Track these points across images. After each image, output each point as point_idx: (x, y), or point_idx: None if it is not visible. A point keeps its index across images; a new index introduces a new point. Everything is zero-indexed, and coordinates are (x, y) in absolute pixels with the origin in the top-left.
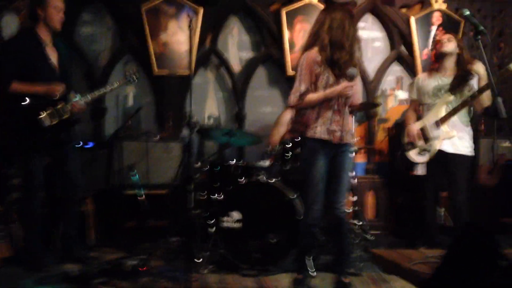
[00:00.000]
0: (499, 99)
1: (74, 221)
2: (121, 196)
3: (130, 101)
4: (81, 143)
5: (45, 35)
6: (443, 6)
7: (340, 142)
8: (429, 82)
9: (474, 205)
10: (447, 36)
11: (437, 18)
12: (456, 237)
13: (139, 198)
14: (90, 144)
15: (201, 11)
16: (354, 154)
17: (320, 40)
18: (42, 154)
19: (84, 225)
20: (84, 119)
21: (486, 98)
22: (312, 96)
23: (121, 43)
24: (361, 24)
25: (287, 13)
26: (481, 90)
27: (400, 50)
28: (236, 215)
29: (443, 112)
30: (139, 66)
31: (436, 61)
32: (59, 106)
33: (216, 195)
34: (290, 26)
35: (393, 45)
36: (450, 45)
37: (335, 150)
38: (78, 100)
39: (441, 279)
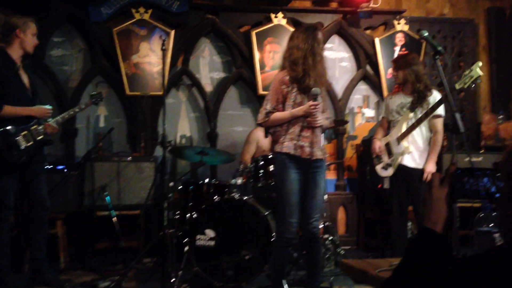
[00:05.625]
0: (457, 115)
1: (43, 244)
2: (92, 218)
3: (102, 122)
4: (51, 165)
5: (17, 58)
6: (405, 28)
7: (310, 158)
8: (394, 100)
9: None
10: (394, 66)
11: (400, 39)
12: (411, 241)
13: (113, 218)
14: (61, 166)
15: (172, 33)
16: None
17: (284, 62)
18: (14, 176)
19: (55, 247)
20: (55, 140)
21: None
22: (278, 115)
23: (92, 64)
24: (328, 45)
25: (257, 34)
26: (433, 108)
27: (366, 69)
28: (210, 233)
29: (403, 129)
30: (111, 87)
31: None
32: (32, 128)
33: (190, 214)
34: (260, 47)
35: (359, 65)
36: (400, 77)
37: (306, 166)
38: (50, 122)
39: (397, 280)
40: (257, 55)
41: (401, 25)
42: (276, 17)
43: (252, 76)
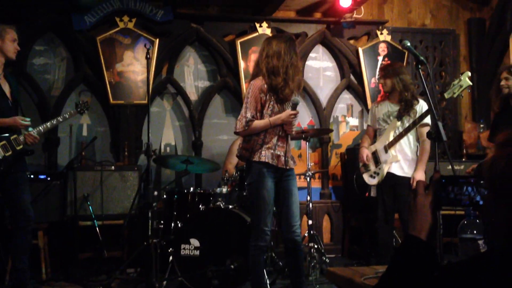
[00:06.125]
0: (440, 124)
1: (26, 254)
2: (75, 228)
3: (85, 131)
4: (32, 175)
5: None
6: (388, 38)
7: (285, 167)
8: (381, 108)
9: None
10: (382, 74)
11: (383, 49)
12: (397, 249)
13: (96, 228)
14: (43, 176)
15: (156, 41)
16: (309, 178)
17: (260, 69)
18: None
19: (36, 258)
20: (37, 149)
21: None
22: (258, 123)
23: (75, 73)
24: (312, 54)
25: (241, 44)
26: (421, 117)
27: (350, 79)
28: (194, 242)
29: (391, 137)
30: (94, 96)
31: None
32: (12, 138)
33: (174, 223)
34: (245, 56)
35: (343, 74)
36: (387, 85)
37: (280, 174)
38: (31, 132)
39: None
40: (242, 64)
41: (384, 35)
42: (260, 26)
43: (237, 85)
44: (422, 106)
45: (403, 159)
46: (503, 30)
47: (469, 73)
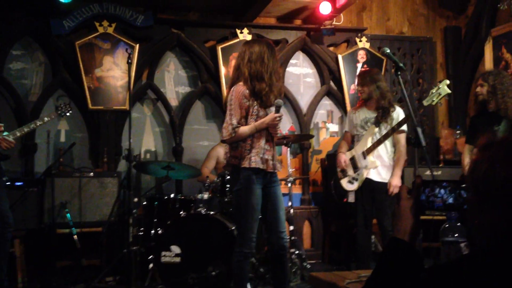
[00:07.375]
0: (419, 129)
1: (4, 262)
2: (53, 235)
3: (63, 137)
4: (9, 182)
5: None
6: (367, 45)
7: (273, 171)
8: (358, 114)
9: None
10: (360, 81)
11: (362, 56)
12: (382, 252)
13: (74, 236)
14: (20, 183)
15: (137, 47)
16: (290, 184)
17: (242, 74)
18: None
19: (12, 267)
20: (13, 156)
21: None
22: (244, 129)
23: (53, 78)
24: (292, 61)
25: (222, 49)
26: (400, 123)
27: (330, 85)
28: (175, 249)
29: (369, 143)
30: (72, 101)
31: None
32: None
33: (155, 230)
34: (226, 62)
35: (323, 81)
36: (365, 92)
37: (267, 179)
38: (6, 135)
39: None
40: (223, 70)
41: (363, 43)
42: (241, 32)
43: (218, 90)
44: (398, 113)
45: (380, 165)
46: (478, 38)
47: (448, 81)
